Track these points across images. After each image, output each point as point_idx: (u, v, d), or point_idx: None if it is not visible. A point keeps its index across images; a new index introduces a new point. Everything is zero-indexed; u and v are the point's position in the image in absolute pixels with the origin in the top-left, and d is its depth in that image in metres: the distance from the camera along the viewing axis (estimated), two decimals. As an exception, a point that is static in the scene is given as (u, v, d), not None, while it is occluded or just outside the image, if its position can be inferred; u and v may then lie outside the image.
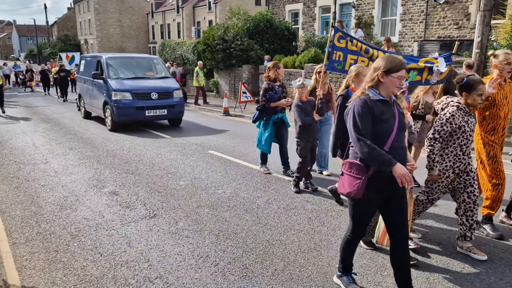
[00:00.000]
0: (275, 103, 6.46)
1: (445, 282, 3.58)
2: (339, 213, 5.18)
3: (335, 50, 5.36)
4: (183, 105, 11.88)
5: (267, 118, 6.60)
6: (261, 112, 6.63)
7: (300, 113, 5.66)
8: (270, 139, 6.65)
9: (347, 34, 5.46)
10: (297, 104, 5.71)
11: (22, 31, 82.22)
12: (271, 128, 6.61)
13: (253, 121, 6.90)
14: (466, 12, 15.15)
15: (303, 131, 5.76)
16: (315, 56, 15.26)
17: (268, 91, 6.47)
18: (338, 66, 5.41)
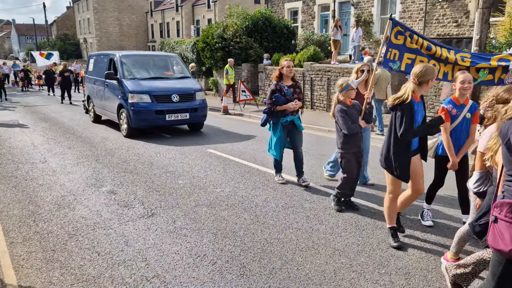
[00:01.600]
0: (281, 107, 5.88)
1: (443, 280, 3.57)
2: (337, 211, 5.17)
3: (391, 47, 4.85)
4: (206, 107, 10.68)
5: (274, 121, 6.03)
6: (268, 115, 6.11)
7: (345, 119, 4.83)
8: (280, 144, 6.07)
9: (406, 28, 4.90)
10: (342, 109, 4.87)
11: (21, 31, 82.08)
12: (279, 132, 6.03)
13: (261, 124, 6.32)
14: (465, 10, 15.13)
15: (348, 141, 4.96)
16: (314, 54, 15.24)
17: (275, 93, 5.90)
18: (393, 66, 4.91)
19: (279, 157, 6.14)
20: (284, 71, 5.96)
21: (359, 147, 5.04)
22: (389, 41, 4.83)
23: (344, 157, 5.04)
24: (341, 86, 4.90)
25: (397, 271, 3.72)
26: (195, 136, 10.37)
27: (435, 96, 10.79)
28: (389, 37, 4.79)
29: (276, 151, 6.10)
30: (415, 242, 4.29)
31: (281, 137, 6.04)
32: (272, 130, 6.13)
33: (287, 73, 5.96)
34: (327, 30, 20.53)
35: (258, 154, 8.25)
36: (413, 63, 4.77)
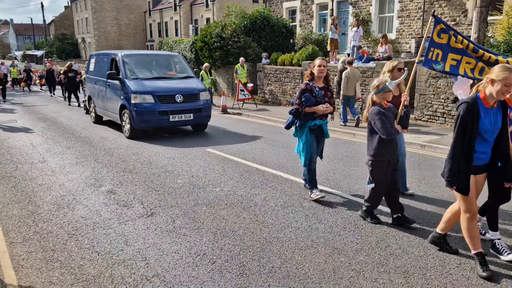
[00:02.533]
0: (311, 108, 5.31)
1: (441, 278, 3.59)
2: (336, 210, 5.19)
3: (433, 47, 4.51)
4: (210, 108, 10.66)
5: (301, 124, 5.48)
6: (294, 117, 5.53)
7: (384, 122, 4.36)
8: (307, 148, 5.44)
9: (450, 27, 4.57)
10: (379, 111, 4.42)
11: (19, 30, 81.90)
12: (306, 136, 5.44)
13: (285, 127, 5.78)
14: (463, 9, 15.15)
15: (384, 147, 4.47)
16: (312, 53, 15.23)
17: (304, 92, 5.34)
18: (436, 66, 4.59)
19: (306, 164, 5.49)
20: (316, 71, 5.35)
21: (394, 154, 4.60)
22: (431, 39, 4.48)
23: (376, 165, 4.55)
24: (378, 88, 4.47)
25: (396, 270, 3.74)
26: (194, 135, 10.38)
27: (433, 95, 10.81)
28: (431, 35, 4.45)
29: (304, 157, 5.50)
30: (414, 241, 4.31)
31: (308, 141, 5.44)
32: (298, 134, 5.60)
33: (319, 73, 5.35)
34: (325, 29, 20.54)
35: (257, 153, 8.26)
36: (459, 65, 4.44)
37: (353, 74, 10.96)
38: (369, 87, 12.43)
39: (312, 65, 5.43)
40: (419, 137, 9.16)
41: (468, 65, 4.37)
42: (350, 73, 10.92)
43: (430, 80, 10.84)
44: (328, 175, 6.66)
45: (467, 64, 4.39)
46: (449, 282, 3.53)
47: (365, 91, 12.61)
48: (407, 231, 4.53)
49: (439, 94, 10.67)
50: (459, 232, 4.16)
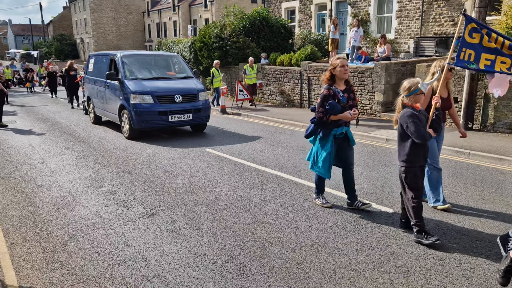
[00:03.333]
0: (338, 116, 4.87)
1: (442, 278, 3.60)
2: (336, 210, 5.19)
3: (465, 47, 4.32)
4: (209, 108, 10.60)
5: (325, 132, 5.01)
6: (316, 125, 5.10)
7: (418, 125, 4.10)
8: (329, 160, 5.06)
9: (483, 25, 4.37)
10: (413, 114, 4.16)
11: (17, 31, 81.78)
12: (330, 146, 5.03)
13: (305, 136, 5.28)
14: (462, 9, 15.17)
15: (418, 152, 4.23)
16: (311, 53, 15.25)
17: (328, 99, 4.85)
18: (471, 66, 4.42)
19: (328, 176, 5.14)
20: (337, 72, 4.88)
21: (426, 160, 4.41)
22: (462, 39, 4.31)
23: (410, 172, 4.26)
24: (409, 90, 4.19)
25: (396, 270, 3.74)
26: (193, 136, 10.38)
27: (432, 95, 10.82)
28: (463, 35, 4.29)
29: (325, 169, 5.06)
30: (413, 241, 4.31)
31: (331, 152, 5.04)
32: (320, 143, 5.12)
33: (341, 75, 4.88)
34: (324, 29, 20.56)
35: (257, 153, 8.27)
36: (493, 64, 4.27)
37: None
38: (368, 88, 12.47)
39: (332, 66, 4.93)
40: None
41: (503, 64, 4.20)
42: None
43: (429, 80, 10.85)
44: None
45: (502, 64, 4.22)
46: (449, 282, 3.54)
47: (364, 91, 12.63)
48: (407, 231, 4.54)
49: (438, 94, 10.68)
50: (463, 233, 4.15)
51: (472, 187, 6.02)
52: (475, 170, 6.92)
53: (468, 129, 9.70)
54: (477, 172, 6.84)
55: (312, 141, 5.25)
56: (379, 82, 12.09)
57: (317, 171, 5.17)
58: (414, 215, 4.27)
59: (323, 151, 5.07)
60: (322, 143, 5.08)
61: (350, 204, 5.21)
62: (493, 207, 5.23)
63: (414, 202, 4.25)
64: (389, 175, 6.67)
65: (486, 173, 6.80)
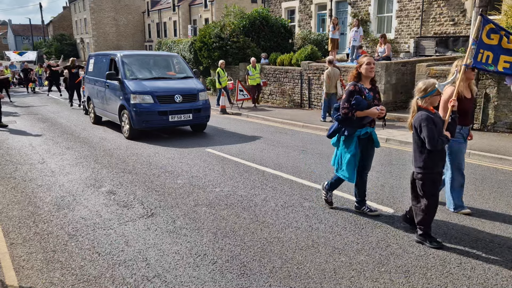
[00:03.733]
0: (364, 112, 4.65)
1: (442, 278, 3.60)
2: (336, 210, 5.19)
3: (482, 48, 4.20)
4: (209, 108, 10.54)
5: (350, 132, 4.77)
6: (341, 123, 4.85)
7: (432, 131, 3.92)
8: (354, 162, 4.81)
9: (500, 27, 4.26)
10: (428, 117, 3.97)
11: (17, 31, 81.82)
12: (355, 148, 4.79)
13: (328, 136, 5.04)
14: (462, 8, 15.18)
15: (436, 157, 4.06)
16: (311, 53, 15.24)
17: (354, 95, 4.66)
18: (489, 68, 4.32)
19: (353, 180, 4.85)
20: (363, 70, 4.71)
21: (444, 166, 4.23)
22: (479, 40, 4.20)
23: (428, 179, 4.08)
24: (425, 91, 4.01)
25: (396, 269, 3.74)
26: (193, 135, 10.38)
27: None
28: (480, 36, 4.18)
29: (350, 173, 4.80)
30: (414, 240, 4.31)
31: (356, 154, 4.81)
32: (344, 144, 4.88)
33: (367, 73, 4.71)
34: (324, 29, 20.56)
35: (257, 153, 8.27)
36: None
37: (334, 72, 11.52)
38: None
39: (358, 64, 4.79)
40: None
41: None
42: (331, 72, 11.49)
43: (429, 80, 10.84)
44: (328, 175, 6.66)
45: None
46: (449, 282, 3.54)
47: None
48: (407, 231, 4.54)
49: (438, 94, 10.68)
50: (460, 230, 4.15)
51: (473, 186, 6.02)
52: (476, 170, 6.92)
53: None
54: (477, 171, 6.84)
55: (335, 143, 5.03)
56: (379, 81, 12.08)
57: (341, 175, 4.91)
58: (424, 222, 4.17)
59: (347, 153, 4.83)
60: (346, 144, 4.85)
61: (358, 208, 5.10)
62: (494, 207, 5.23)
63: (429, 211, 4.10)
64: (389, 175, 6.67)
65: (487, 172, 6.80)
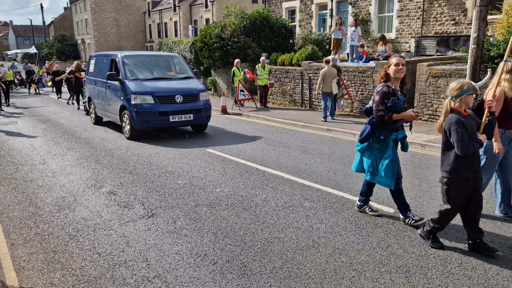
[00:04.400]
0: (401, 115, 4.42)
1: (443, 278, 3.59)
2: (337, 210, 5.19)
3: None
4: (210, 108, 10.56)
5: (386, 136, 4.51)
6: (375, 127, 4.56)
7: (463, 135, 3.70)
8: (393, 167, 4.55)
9: None
10: (459, 120, 3.74)
11: (18, 32, 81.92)
12: (392, 152, 4.57)
13: (360, 141, 4.72)
14: (463, 8, 15.15)
15: (462, 163, 3.82)
16: (312, 53, 15.24)
17: (389, 96, 4.40)
18: None
19: (393, 186, 4.59)
20: (391, 71, 4.45)
21: (476, 171, 3.92)
22: None
23: (452, 183, 3.88)
24: (460, 89, 3.79)
25: (397, 269, 3.74)
26: (194, 136, 10.38)
27: (433, 94, 10.81)
28: None
29: (388, 178, 4.55)
30: (415, 241, 4.31)
31: (394, 159, 4.56)
32: (379, 149, 4.62)
33: (395, 74, 4.44)
34: (325, 29, 20.55)
35: (257, 153, 8.26)
36: None
37: (330, 72, 11.83)
38: (368, 87, 12.46)
39: (387, 64, 4.55)
40: (419, 137, 9.16)
41: None
42: (327, 72, 11.81)
43: (430, 80, 10.84)
44: (329, 175, 6.66)
45: None
46: (450, 282, 3.53)
47: (365, 90, 12.61)
48: (408, 231, 4.53)
49: (439, 94, 10.67)
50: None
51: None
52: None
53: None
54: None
55: (362, 148, 4.75)
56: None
57: (379, 182, 4.68)
58: (437, 219, 4.04)
59: (385, 158, 4.57)
60: (382, 149, 4.59)
61: (359, 207, 5.05)
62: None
63: (447, 212, 3.96)
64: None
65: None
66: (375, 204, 5.32)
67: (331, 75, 11.81)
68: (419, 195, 5.67)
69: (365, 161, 4.80)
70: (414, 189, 5.90)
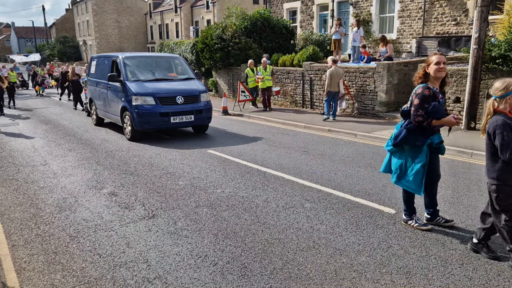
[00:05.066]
0: (441, 121, 4.16)
1: (444, 279, 3.58)
2: (337, 211, 5.18)
3: None
4: (211, 109, 10.52)
5: (423, 142, 4.28)
6: (411, 132, 4.29)
7: (509, 139, 3.48)
8: (423, 173, 4.33)
9: None
10: (505, 123, 3.52)
11: (20, 33, 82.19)
12: (426, 157, 4.32)
13: (394, 145, 4.42)
14: (464, 8, 15.14)
15: (511, 168, 3.60)
16: (313, 54, 15.23)
17: (429, 100, 4.11)
18: None
19: (420, 192, 4.40)
20: (432, 70, 4.14)
21: None
22: None
23: (502, 191, 3.64)
24: (506, 90, 3.57)
25: (398, 270, 3.73)
26: (195, 137, 10.38)
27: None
28: None
29: (416, 184, 4.34)
30: (416, 242, 4.30)
31: (426, 165, 4.34)
32: (411, 153, 4.37)
33: (436, 73, 4.14)
34: (326, 29, 20.54)
35: (258, 154, 8.26)
36: None
37: (336, 72, 11.91)
38: (370, 88, 12.45)
39: (426, 63, 4.22)
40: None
41: None
42: (334, 71, 11.88)
43: (431, 80, 10.81)
44: (330, 176, 6.66)
45: None
46: (451, 283, 3.52)
47: (366, 91, 12.60)
48: (408, 231, 4.52)
49: (440, 94, 10.64)
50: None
51: (475, 187, 6.00)
52: (478, 170, 6.89)
53: (471, 128, 9.66)
54: (480, 172, 6.81)
55: (392, 148, 4.50)
56: (381, 82, 12.06)
57: (405, 186, 4.44)
58: (509, 238, 3.74)
59: (416, 163, 4.32)
60: (415, 153, 4.34)
61: (431, 220, 4.68)
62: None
63: (508, 222, 3.68)
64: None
65: None
66: (376, 205, 5.32)
67: (338, 75, 11.91)
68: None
69: (394, 162, 4.55)
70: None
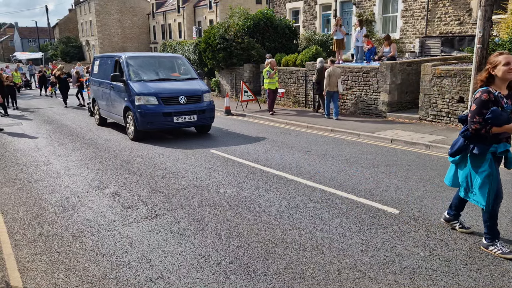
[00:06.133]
0: (502, 128, 3.72)
1: (448, 279, 3.56)
2: (340, 211, 5.17)
3: None
4: (214, 109, 10.56)
5: (481, 149, 3.85)
6: (469, 140, 3.94)
7: None
8: (490, 185, 3.87)
9: None
10: None
11: (24, 33, 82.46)
12: (489, 166, 3.87)
13: (451, 154, 4.10)
14: (467, 8, 15.08)
15: None
16: (316, 54, 15.21)
17: (488, 106, 3.71)
18: None
19: (489, 207, 3.91)
20: (500, 72, 3.71)
21: None
22: None
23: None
24: None
25: (401, 271, 3.71)
26: (197, 137, 10.39)
27: (438, 95, 10.75)
28: None
29: (484, 197, 3.89)
30: (420, 242, 4.28)
31: (491, 175, 3.86)
32: (473, 163, 3.97)
33: (504, 75, 3.71)
34: (329, 29, 20.51)
35: (261, 154, 8.25)
36: None
37: (334, 71, 12.20)
38: (373, 88, 12.41)
39: (491, 65, 3.78)
40: (423, 137, 9.11)
41: None
42: (332, 71, 12.15)
43: (434, 80, 10.79)
44: (333, 176, 6.64)
45: None
46: (455, 283, 3.50)
47: (369, 91, 12.57)
48: (412, 232, 4.50)
49: (444, 94, 10.61)
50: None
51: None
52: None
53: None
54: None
55: (456, 160, 4.14)
56: (385, 82, 12.03)
57: (474, 201, 4.02)
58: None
59: (479, 173, 3.93)
60: (477, 163, 3.93)
61: (447, 220, 4.53)
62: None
63: None
64: (394, 176, 6.62)
65: None
66: (379, 205, 5.30)
67: (336, 75, 12.12)
68: (423, 196, 5.64)
69: (460, 174, 4.15)
70: (418, 189, 5.87)
